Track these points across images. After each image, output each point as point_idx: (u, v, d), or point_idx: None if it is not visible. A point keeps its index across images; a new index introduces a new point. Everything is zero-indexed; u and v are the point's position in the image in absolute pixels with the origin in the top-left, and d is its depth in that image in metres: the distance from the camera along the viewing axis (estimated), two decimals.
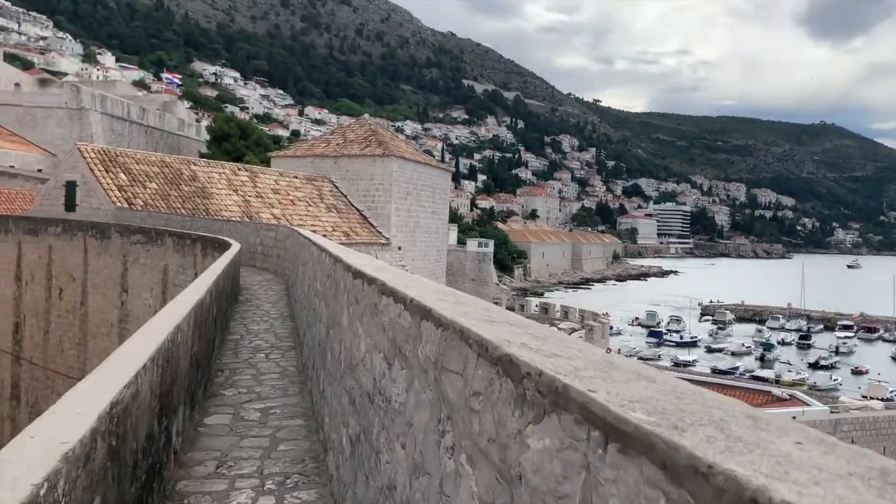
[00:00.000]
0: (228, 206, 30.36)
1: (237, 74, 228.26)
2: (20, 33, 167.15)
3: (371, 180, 36.74)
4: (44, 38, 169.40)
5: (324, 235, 26.02)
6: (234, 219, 27.99)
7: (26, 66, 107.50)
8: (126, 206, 25.55)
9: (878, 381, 52.97)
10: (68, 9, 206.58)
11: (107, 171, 26.24)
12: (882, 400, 37.66)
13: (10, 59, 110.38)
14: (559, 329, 41.21)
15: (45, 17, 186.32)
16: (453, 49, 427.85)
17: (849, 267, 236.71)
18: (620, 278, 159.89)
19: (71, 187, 26.14)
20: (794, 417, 26.17)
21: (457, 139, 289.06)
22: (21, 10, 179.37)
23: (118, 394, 2.43)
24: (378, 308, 2.87)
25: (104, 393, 2.39)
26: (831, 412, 27.53)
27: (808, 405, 27.90)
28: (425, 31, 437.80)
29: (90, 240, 23.05)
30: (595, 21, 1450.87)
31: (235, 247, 13.81)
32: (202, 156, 49.62)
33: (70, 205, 26.27)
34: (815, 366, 66.28)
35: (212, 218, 26.56)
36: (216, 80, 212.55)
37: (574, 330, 41.33)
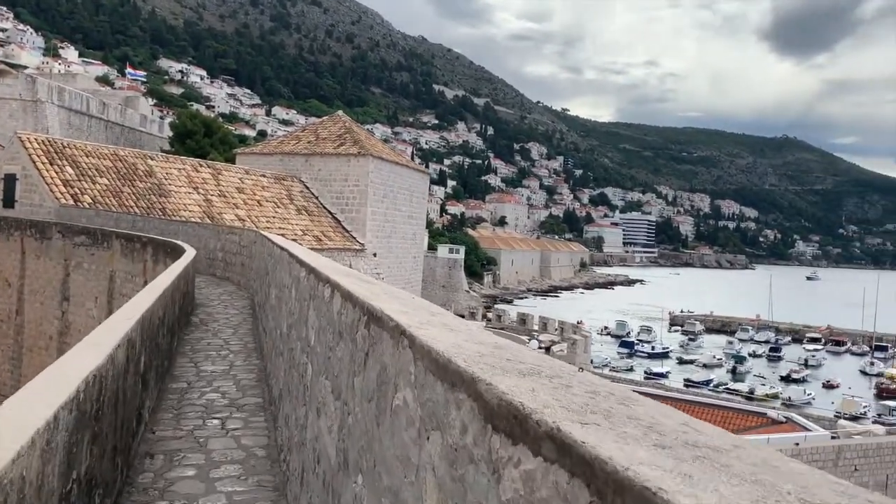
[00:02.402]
0: (188, 205, 27.78)
1: (204, 72, 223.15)
2: None
3: (345, 181, 34.32)
4: (3, 31, 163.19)
5: (293, 240, 23.64)
6: (193, 219, 25.44)
7: None
8: (72, 202, 22.91)
9: (851, 397, 52.32)
10: (30, 1, 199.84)
11: (51, 164, 23.55)
12: (883, 424, 36.46)
13: None
14: (539, 341, 39.43)
15: (5, 8, 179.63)
16: (424, 53, 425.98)
17: (808, 279, 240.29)
18: (588, 286, 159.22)
19: (10, 181, 23.38)
20: (797, 444, 24.56)
21: (427, 144, 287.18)
22: None
23: None
24: None
25: None
26: (832, 438, 25.95)
27: (808, 430, 26.28)
28: (396, 34, 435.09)
29: (28, 240, 20.44)
30: (565, 30, 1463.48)
31: (189, 254, 11.46)
32: (165, 153, 46.78)
33: (8, 200, 23.50)
34: (786, 379, 65.60)
35: (168, 218, 23.99)
36: (182, 77, 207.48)
37: (554, 342, 39.45)
